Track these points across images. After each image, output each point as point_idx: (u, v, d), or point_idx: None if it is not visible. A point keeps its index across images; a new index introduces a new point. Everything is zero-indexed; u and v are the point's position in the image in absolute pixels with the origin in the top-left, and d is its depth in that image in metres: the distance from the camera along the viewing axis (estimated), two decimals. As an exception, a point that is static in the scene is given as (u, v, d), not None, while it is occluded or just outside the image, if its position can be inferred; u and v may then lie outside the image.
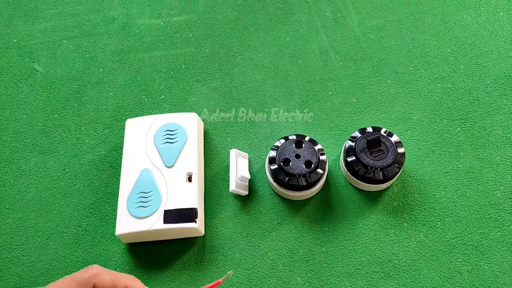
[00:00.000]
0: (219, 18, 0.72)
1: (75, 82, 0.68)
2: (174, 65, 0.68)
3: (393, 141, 0.55)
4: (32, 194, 0.60)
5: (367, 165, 0.53)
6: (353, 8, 0.71)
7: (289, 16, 0.71)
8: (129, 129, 0.60)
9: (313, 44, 0.69)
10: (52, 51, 0.71)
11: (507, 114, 0.62)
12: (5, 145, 0.64)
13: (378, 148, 0.54)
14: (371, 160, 0.53)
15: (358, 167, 0.54)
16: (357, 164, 0.54)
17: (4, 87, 0.68)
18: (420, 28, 0.69)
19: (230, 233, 0.57)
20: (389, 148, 0.54)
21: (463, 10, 0.70)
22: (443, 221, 0.56)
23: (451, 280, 0.53)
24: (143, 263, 0.56)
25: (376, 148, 0.54)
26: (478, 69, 0.65)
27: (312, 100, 0.65)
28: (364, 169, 0.54)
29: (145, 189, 0.55)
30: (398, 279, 0.53)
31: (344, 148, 0.57)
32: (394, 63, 0.66)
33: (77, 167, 0.62)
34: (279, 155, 0.55)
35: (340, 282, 0.53)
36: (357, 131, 0.57)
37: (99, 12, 0.74)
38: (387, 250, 0.55)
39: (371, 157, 0.53)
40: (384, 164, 0.53)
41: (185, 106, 0.65)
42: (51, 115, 0.66)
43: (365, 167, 0.54)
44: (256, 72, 0.67)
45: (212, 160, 0.61)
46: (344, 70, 0.66)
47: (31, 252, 0.57)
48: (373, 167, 0.53)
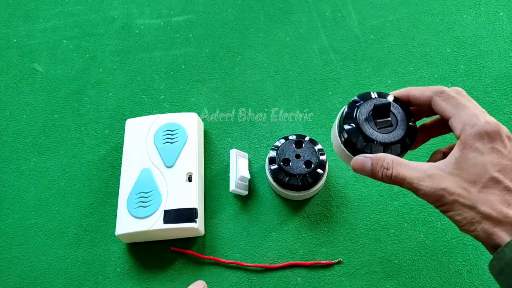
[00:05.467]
0: (219, 18, 0.72)
1: (75, 82, 0.68)
2: (174, 65, 0.68)
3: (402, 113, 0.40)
4: (32, 194, 0.60)
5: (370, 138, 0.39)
6: (353, 8, 0.71)
7: (289, 16, 0.71)
8: (129, 129, 0.60)
9: (313, 44, 0.69)
10: (52, 51, 0.71)
11: (507, 114, 0.62)
12: (5, 145, 0.64)
13: (385, 118, 0.39)
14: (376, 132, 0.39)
15: (356, 139, 0.39)
16: (356, 135, 0.39)
17: (4, 87, 0.68)
18: (420, 28, 0.69)
19: (230, 233, 0.57)
20: (398, 120, 0.40)
21: (463, 10, 0.70)
22: (443, 221, 0.56)
23: (451, 280, 0.53)
24: (143, 263, 0.56)
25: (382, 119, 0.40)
26: (478, 69, 0.65)
27: (312, 100, 0.65)
28: (364, 142, 0.39)
29: (145, 189, 0.55)
30: (398, 279, 0.53)
31: (341, 114, 0.42)
32: (394, 63, 0.66)
33: (77, 167, 0.62)
34: (279, 155, 0.55)
35: (340, 282, 0.53)
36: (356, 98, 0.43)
37: (99, 12, 0.74)
38: (387, 250, 0.55)
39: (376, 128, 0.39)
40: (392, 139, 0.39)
41: (185, 106, 0.65)
42: (51, 115, 0.66)
43: (367, 140, 0.39)
44: (256, 72, 0.67)
45: (212, 160, 0.61)
46: (344, 70, 0.66)
47: (31, 252, 0.57)
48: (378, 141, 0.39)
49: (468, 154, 0.33)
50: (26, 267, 0.56)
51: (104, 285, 0.55)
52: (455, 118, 0.35)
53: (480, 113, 0.34)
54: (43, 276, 0.56)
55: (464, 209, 0.33)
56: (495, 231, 0.32)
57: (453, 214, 0.33)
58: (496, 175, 0.32)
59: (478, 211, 0.32)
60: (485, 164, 0.32)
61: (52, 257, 0.57)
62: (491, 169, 0.32)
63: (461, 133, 0.34)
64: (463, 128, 0.34)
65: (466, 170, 0.33)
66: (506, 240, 0.31)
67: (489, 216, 0.32)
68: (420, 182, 0.34)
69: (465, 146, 0.33)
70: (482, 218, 0.32)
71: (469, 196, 0.32)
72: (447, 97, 0.36)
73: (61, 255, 0.57)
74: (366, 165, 0.37)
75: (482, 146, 0.33)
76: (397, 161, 0.35)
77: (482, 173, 0.32)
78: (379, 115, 0.39)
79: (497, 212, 0.32)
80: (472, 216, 0.32)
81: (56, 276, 0.56)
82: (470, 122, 0.34)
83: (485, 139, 0.33)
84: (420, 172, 0.34)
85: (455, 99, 0.35)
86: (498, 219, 0.32)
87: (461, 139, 0.34)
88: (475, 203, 0.32)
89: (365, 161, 0.37)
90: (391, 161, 0.35)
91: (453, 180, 0.33)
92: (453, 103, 0.35)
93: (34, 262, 0.57)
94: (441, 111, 0.36)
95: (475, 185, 0.32)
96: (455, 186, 0.33)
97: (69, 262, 0.56)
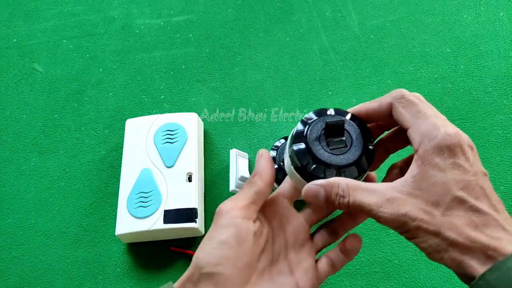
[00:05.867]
0: (219, 18, 0.72)
1: (75, 82, 0.68)
2: (174, 65, 0.68)
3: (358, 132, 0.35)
4: (32, 194, 0.60)
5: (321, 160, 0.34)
6: (353, 8, 0.71)
7: (289, 16, 0.71)
8: (129, 129, 0.60)
9: (313, 44, 0.69)
10: (52, 51, 0.71)
11: (507, 114, 0.62)
12: (5, 145, 0.64)
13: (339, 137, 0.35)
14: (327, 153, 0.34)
15: (307, 160, 0.34)
16: (305, 157, 0.34)
17: (4, 87, 0.68)
18: (420, 28, 0.69)
19: (230, 233, 0.57)
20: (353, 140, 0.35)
21: (463, 10, 0.70)
22: (443, 221, 0.56)
23: (451, 280, 0.53)
24: (143, 263, 0.56)
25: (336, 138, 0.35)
26: (478, 69, 0.65)
27: (312, 100, 0.65)
28: (314, 164, 0.34)
29: (145, 189, 0.55)
30: (398, 279, 0.53)
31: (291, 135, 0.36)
32: (394, 63, 0.66)
33: (77, 167, 0.62)
34: (279, 155, 0.55)
35: (340, 282, 0.53)
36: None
37: (99, 12, 0.74)
38: (387, 250, 0.55)
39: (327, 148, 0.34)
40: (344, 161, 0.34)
41: (185, 106, 0.65)
42: (51, 115, 0.66)
43: (317, 162, 0.34)
44: (256, 72, 0.67)
45: (212, 160, 0.61)
46: (344, 70, 0.66)
47: (31, 252, 0.57)
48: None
49: (428, 172, 0.29)
50: (26, 267, 0.56)
51: (104, 285, 0.55)
52: (413, 128, 0.31)
53: (441, 123, 0.30)
54: (43, 276, 0.56)
55: (429, 236, 0.29)
56: (464, 259, 0.28)
57: (418, 241, 0.30)
58: (460, 194, 0.28)
59: (443, 237, 0.28)
60: (447, 182, 0.29)
61: (52, 257, 0.57)
62: (454, 187, 0.29)
63: (419, 147, 0.30)
64: (421, 141, 0.30)
65: (426, 190, 0.29)
66: (478, 271, 0.27)
67: (455, 243, 0.28)
68: (379, 208, 0.29)
69: (424, 162, 0.29)
70: (448, 245, 0.28)
71: (433, 220, 0.29)
72: (407, 103, 0.32)
73: (61, 255, 0.57)
74: (319, 194, 0.31)
75: (443, 161, 0.29)
76: (352, 185, 0.31)
77: (445, 193, 0.29)
78: (332, 134, 0.34)
79: (464, 237, 0.28)
80: (437, 243, 0.29)
81: (56, 276, 0.56)
82: (429, 134, 0.30)
83: (445, 153, 0.29)
84: (378, 196, 0.30)
85: (415, 106, 0.31)
86: (465, 245, 0.28)
87: (419, 153, 0.30)
88: (440, 228, 0.29)
89: (317, 189, 0.32)
90: (346, 187, 0.31)
91: (414, 203, 0.29)
92: (413, 110, 0.31)
93: (34, 262, 0.57)
94: (400, 120, 0.32)
95: (438, 207, 0.29)
96: (416, 210, 0.29)
97: (69, 262, 0.56)
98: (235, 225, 0.32)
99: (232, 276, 0.31)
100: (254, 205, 0.34)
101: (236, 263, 0.31)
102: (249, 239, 0.32)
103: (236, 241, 0.32)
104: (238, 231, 0.32)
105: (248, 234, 0.32)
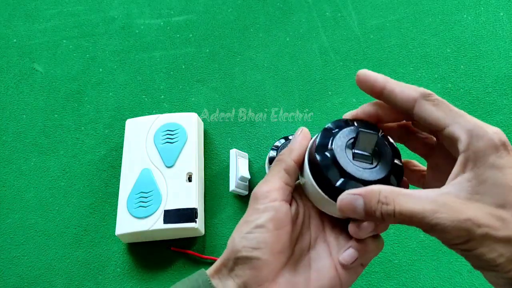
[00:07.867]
0: (219, 18, 0.72)
1: (75, 82, 0.68)
2: (174, 65, 0.68)
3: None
4: (32, 194, 0.60)
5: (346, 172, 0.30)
6: (353, 8, 0.71)
7: (289, 16, 0.71)
8: (129, 129, 0.60)
9: (313, 44, 0.69)
10: (52, 51, 0.71)
11: (507, 114, 0.62)
12: (5, 145, 0.64)
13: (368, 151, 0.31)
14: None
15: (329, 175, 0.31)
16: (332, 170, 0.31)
17: (4, 87, 0.68)
18: (420, 28, 0.69)
19: (230, 233, 0.56)
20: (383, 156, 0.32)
21: (463, 10, 0.70)
22: (443, 221, 0.56)
23: (451, 280, 0.53)
24: (143, 263, 0.56)
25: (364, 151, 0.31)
26: (478, 69, 0.65)
27: (312, 100, 0.65)
28: (340, 177, 0.30)
29: (145, 189, 0.55)
30: (398, 279, 0.53)
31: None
32: (394, 63, 0.66)
33: (77, 167, 0.62)
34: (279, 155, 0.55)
35: (340, 282, 0.53)
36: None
37: (99, 12, 0.74)
38: (387, 250, 0.55)
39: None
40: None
41: (185, 106, 0.65)
42: (51, 115, 0.66)
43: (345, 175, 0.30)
44: (256, 72, 0.67)
45: (212, 160, 0.61)
46: (344, 70, 0.66)
47: (31, 252, 0.57)
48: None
49: (485, 173, 0.26)
50: (26, 267, 0.56)
51: (104, 285, 0.55)
52: (455, 127, 0.27)
53: (479, 121, 0.28)
54: (43, 276, 0.56)
55: (498, 244, 0.25)
56: None
57: (482, 252, 0.25)
58: None
59: None
60: (509, 181, 0.26)
61: (52, 257, 0.57)
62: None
63: (469, 147, 0.27)
64: (470, 141, 0.27)
65: (487, 193, 0.26)
66: None
67: None
68: (434, 214, 0.25)
69: (477, 162, 0.26)
70: None
71: (503, 225, 0.25)
72: (437, 101, 0.29)
73: (61, 255, 0.57)
74: (357, 204, 0.28)
75: (499, 160, 0.26)
76: (396, 191, 0.27)
77: (508, 193, 0.25)
78: (361, 147, 0.31)
79: None
80: (511, 251, 0.25)
81: (56, 276, 0.56)
82: (476, 133, 0.27)
83: (501, 151, 0.26)
84: (429, 202, 0.26)
85: (447, 105, 0.29)
86: None
87: (469, 154, 0.27)
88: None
89: (355, 199, 0.28)
90: (389, 193, 0.27)
91: (477, 207, 0.25)
92: (446, 109, 0.28)
93: (34, 262, 0.57)
94: (431, 118, 0.29)
95: (506, 210, 0.25)
96: (482, 215, 0.25)
97: (69, 262, 0.56)
98: (273, 208, 0.31)
99: (269, 261, 0.30)
100: (288, 186, 0.32)
101: (274, 247, 0.30)
102: (287, 222, 0.31)
103: (274, 225, 0.30)
104: (276, 215, 0.31)
105: (286, 218, 0.31)
